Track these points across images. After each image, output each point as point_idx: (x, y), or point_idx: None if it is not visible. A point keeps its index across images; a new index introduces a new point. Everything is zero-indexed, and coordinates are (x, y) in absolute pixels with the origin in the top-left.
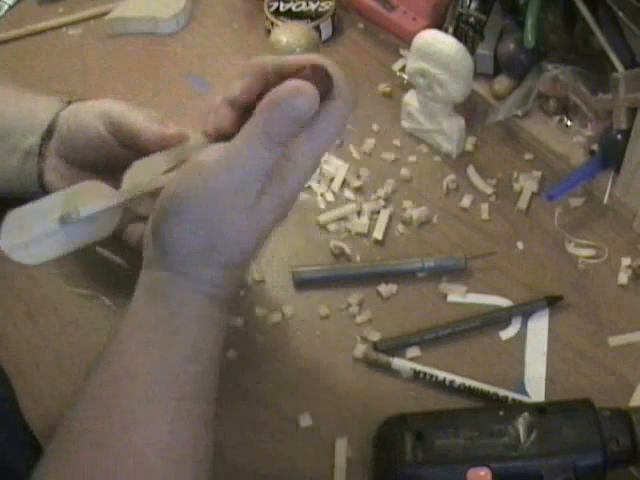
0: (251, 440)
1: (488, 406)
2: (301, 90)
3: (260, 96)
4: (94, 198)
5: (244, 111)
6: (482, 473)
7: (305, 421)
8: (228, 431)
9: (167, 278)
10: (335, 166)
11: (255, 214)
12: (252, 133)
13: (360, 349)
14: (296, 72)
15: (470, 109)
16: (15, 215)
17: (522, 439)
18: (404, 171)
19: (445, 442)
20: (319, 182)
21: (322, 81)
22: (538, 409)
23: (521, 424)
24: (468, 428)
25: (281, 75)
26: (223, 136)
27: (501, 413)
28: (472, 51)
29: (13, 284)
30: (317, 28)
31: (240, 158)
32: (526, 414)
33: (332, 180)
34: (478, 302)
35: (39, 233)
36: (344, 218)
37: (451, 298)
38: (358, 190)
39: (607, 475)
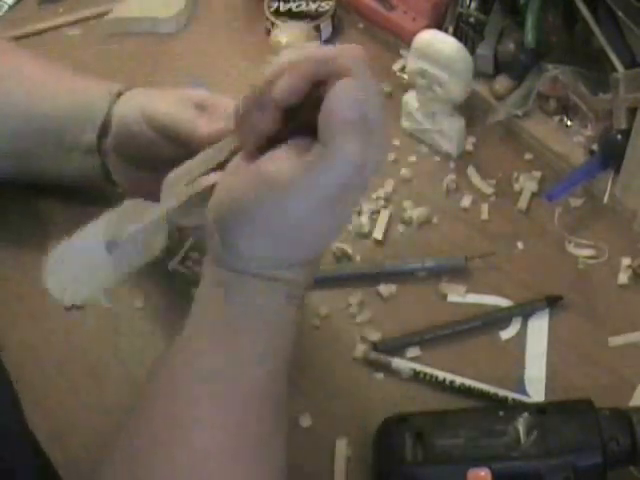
0: None
1: (488, 406)
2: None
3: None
4: (137, 217)
5: (284, 112)
6: (482, 473)
7: (305, 421)
8: None
9: (242, 279)
10: None
11: (333, 217)
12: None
13: (360, 349)
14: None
15: (470, 109)
16: (57, 252)
17: (522, 439)
18: (404, 171)
19: (445, 442)
20: None
21: None
22: (538, 409)
23: (521, 424)
24: (468, 428)
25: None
26: (260, 137)
27: (501, 413)
28: (472, 51)
29: (13, 285)
30: (317, 28)
31: (322, 180)
32: (526, 414)
33: None
34: (478, 302)
35: (86, 266)
36: None
37: (451, 298)
38: None
39: (607, 475)
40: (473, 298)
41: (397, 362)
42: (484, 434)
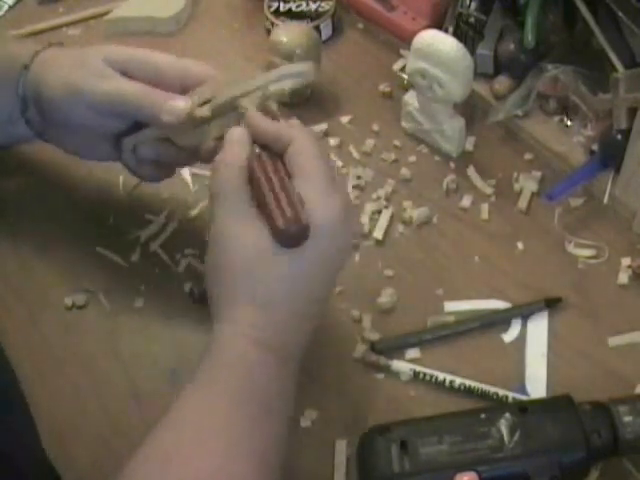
0: None
1: (470, 409)
2: None
3: None
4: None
5: None
6: (470, 478)
7: (305, 421)
8: None
9: (216, 327)
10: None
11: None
12: None
13: (360, 350)
14: None
15: (470, 109)
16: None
17: (506, 440)
18: (404, 171)
19: (430, 449)
20: None
21: None
22: (519, 409)
23: (504, 425)
24: (452, 433)
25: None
26: None
27: (483, 416)
28: (472, 51)
29: (13, 284)
30: (317, 28)
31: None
32: (508, 415)
33: None
34: (478, 303)
35: None
36: None
37: (451, 298)
38: (358, 190)
39: (599, 467)
40: (473, 299)
41: (397, 363)
42: (468, 438)
